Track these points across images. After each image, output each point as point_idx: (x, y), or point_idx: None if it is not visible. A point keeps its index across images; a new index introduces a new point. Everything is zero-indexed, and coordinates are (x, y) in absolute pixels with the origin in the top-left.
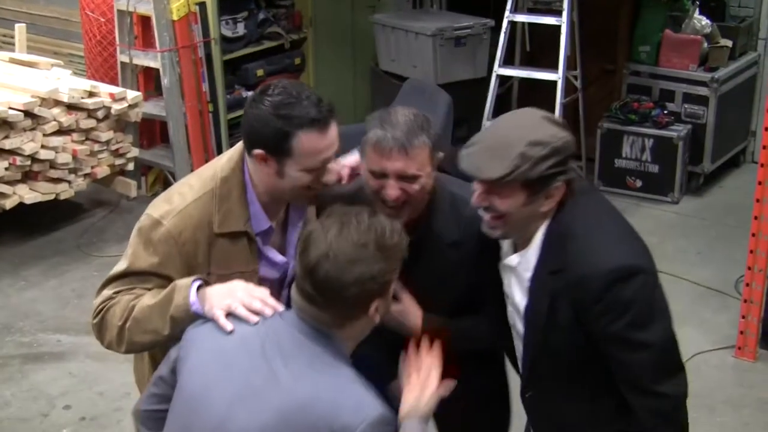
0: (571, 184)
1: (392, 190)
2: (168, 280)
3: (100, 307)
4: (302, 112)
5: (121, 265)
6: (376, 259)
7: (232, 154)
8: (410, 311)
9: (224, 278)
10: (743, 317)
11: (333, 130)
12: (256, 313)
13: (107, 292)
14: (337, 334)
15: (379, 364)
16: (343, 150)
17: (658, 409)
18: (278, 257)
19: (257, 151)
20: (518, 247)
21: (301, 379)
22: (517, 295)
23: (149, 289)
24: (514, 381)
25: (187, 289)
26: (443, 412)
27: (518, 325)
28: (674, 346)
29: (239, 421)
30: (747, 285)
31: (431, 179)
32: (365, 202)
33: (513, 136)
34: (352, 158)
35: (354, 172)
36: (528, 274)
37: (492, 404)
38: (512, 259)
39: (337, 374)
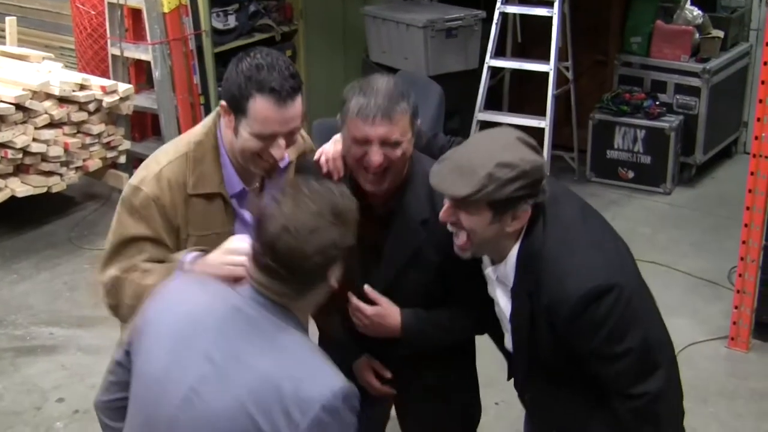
0: (540, 205)
1: (376, 156)
2: (160, 244)
3: (110, 286)
4: (266, 78)
5: (111, 239)
6: (335, 225)
7: (206, 121)
8: (389, 312)
9: (203, 239)
10: (736, 308)
11: (292, 109)
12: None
13: (112, 271)
14: (296, 305)
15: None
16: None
17: (636, 408)
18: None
19: (222, 102)
20: (494, 261)
21: (263, 354)
22: (502, 300)
23: (147, 260)
24: (490, 369)
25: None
26: (413, 406)
27: (507, 325)
28: (650, 348)
29: (203, 403)
30: (740, 275)
31: (411, 146)
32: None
33: (483, 155)
34: (331, 147)
35: (337, 164)
36: (509, 283)
37: (461, 397)
38: (490, 272)
39: (298, 347)
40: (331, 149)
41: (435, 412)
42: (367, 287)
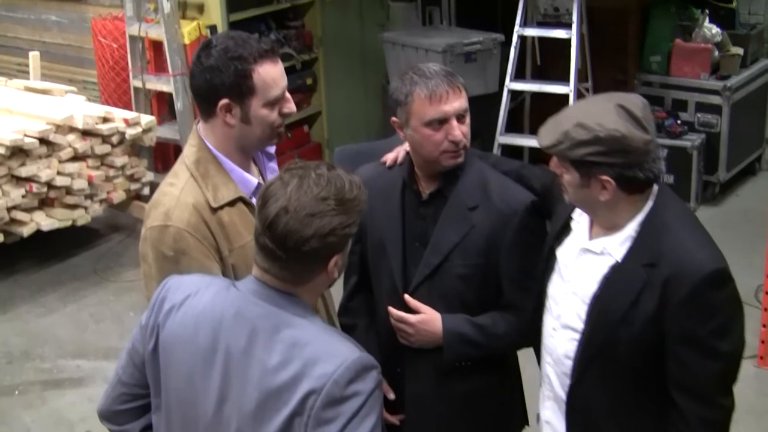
0: (660, 183)
1: (458, 130)
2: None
3: None
4: (252, 48)
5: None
6: (336, 212)
7: (190, 141)
8: (432, 317)
9: (242, 249)
10: (764, 326)
11: (280, 61)
12: None
13: None
14: (299, 292)
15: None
16: (352, 166)
17: (712, 420)
18: None
19: (223, 102)
20: (600, 232)
21: (273, 346)
22: (582, 285)
23: None
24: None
25: None
26: (453, 411)
27: (571, 319)
28: (740, 362)
29: (232, 410)
30: (766, 293)
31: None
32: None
33: (573, 114)
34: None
35: (398, 154)
36: (608, 264)
37: (503, 403)
38: (596, 245)
39: (306, 330)
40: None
41: (476, 419)
42: (406, 296)
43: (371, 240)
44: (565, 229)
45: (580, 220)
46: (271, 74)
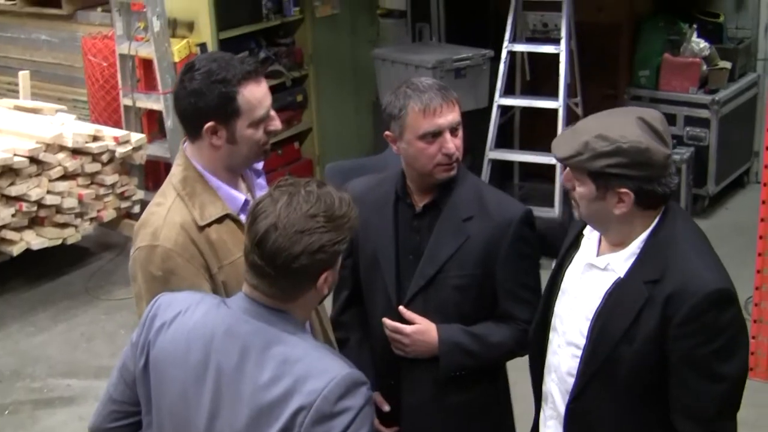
0: (669, 201)
1: (451, 143)
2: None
3: None
4: (236, 70)
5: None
6: (326, 229)
7: (177, 161)
8: (427, 327)
9: (232, 266)
10: (753, 338)
11: (264, 81)
12: None
13: None
14: (290, 308)
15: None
16: (344, 182)
17: None
18: None
19: (208, 124)
20: (607, 249)
21: (264, 363)
22: (586, 301)
23: None
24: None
25: None
26: (448, 424)
27: (574, 336)
28: (743, 387)
29: (224, 427)
30: (756, 305)
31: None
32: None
33: (592, 126)
34: None
35: None
36: (612, 279)
37: (496, 417)
38: (601, 260)
39: (297, 347)
40: None
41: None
42: (401, 308)
43: (364, 254)
44: (573, 247)
45: (590, 236)
46: (256, 95)
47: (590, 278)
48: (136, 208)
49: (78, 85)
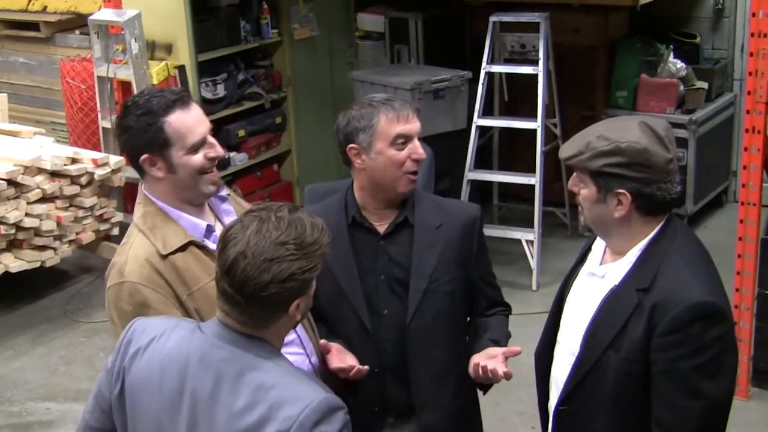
0: (670, 213)
1: (420, 148)
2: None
3: None
4: (160, 101)
5: None
6: (296, 257)
7: (137, 199)
8: (496, 352)
9: (201, 292)
10: None
11: (195, 107)
12: None
13: None
14: (263, 335)
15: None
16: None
17: None
18: None
19: (143, 156)
20: (609, 259)
21: (238, 390)
22: (584, 309)
23: None
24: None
25: None
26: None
27: (572, 344)
28: (726, 411)
29: None
30: (735, 324)
31: None
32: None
33: (597, 128)
34: None
35: None
36: (608, 287)
37: (471, 425)
38: (601, 269)
39: (271, 373)
40: None
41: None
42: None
43: (323, 284)
44: (580, 263)
45: (596, 249)
46: (184, 122)
47: (590, 287)
48: (116, 231)
49: (56, 107)
